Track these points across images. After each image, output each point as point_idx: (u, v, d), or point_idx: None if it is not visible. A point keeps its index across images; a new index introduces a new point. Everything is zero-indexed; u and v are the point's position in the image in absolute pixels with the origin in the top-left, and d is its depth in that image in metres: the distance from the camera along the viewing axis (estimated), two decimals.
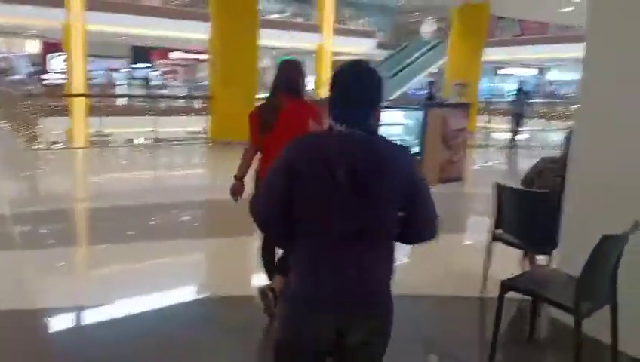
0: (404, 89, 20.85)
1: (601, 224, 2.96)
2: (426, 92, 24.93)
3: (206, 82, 16.76)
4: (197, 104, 15.87)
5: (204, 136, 12.83)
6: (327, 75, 22.22)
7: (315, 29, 22.68)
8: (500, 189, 3.69)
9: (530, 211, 3.52)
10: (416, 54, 27.47)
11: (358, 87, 1.62)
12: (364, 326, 1.64)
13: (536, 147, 13.39)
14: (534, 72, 37.23)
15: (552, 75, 36.88)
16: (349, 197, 1.56)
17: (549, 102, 23.51)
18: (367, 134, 1.60)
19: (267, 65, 22.36)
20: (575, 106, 12.06)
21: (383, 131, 1.70)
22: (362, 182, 1.56)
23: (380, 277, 1.67)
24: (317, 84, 22.92)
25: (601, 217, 2.95)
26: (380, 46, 29.18)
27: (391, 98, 17.24)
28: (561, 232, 3.17)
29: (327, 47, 22.37)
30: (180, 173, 9.65)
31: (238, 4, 11.56)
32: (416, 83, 28.39)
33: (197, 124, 13.68)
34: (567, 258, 3.12)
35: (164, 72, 31.22)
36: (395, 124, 7.67)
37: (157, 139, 12.17)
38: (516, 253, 3.97)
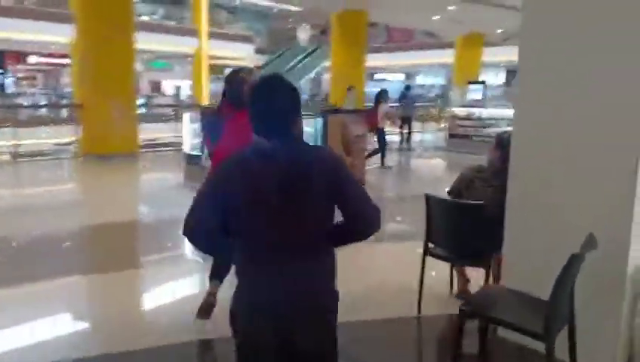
0: None
1: (547, 237, 2.89)
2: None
3: (71, 89, 15.11)
4: (64, 113, 14.21)
5: (73, 149, 11.46)
6: (205, 79, 21.50)
7: (191, 32, 21.72)
8: (431, 201, 3.50)
9: (464, 224, 3.37)
10: (295, 60, 27.75)
11: (275, 100, 1.71)
12: (307, 330, 1.70)
13: (424, 148, 14.05)
14: (402, 77, 39.55)
15: (420, 80, 39.36)
16: (277, 206, 1.65)
17: (421, 105, 24.92)
18: (288, 144, 1.69)
19: (139, 70, 20.91)
20: (457, 109, 13.26)
21: None
22: (287, 191, 1.64)
23: (318, 280, 1.74)
24: (195, 88, 22.01)
25: (546, 230, 2.86)
26: (258, 51, 28.98)
27: None
28: (505, 246, 3.05)
29: (204, 52, 21.52)
30: (46, 193, 8.39)
31: (109, 4, 10.48)
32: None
33: (65, 136, 12.21)
34: (514, 274, 3.00)
35: (21, 78, 27.98)
36: None
37: (16, 155, 10.62)
38: (444, 265, 3.82)
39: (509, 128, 3.51)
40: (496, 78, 30.05)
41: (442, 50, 29.60)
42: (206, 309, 3.40)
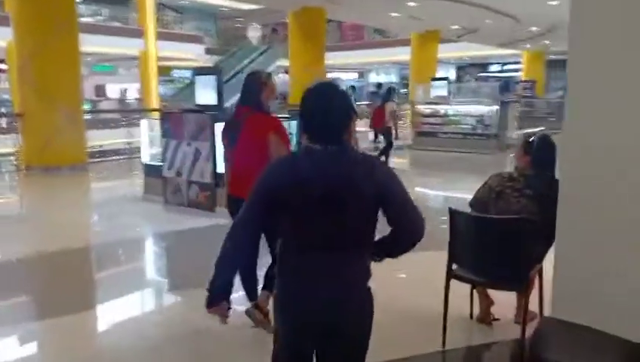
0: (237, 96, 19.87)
1: (610, 258, 2.46)
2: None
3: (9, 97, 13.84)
4: (2, 123, 12.93)
5: (14, 161, 10.39)
6: (154, 81, 20.46)
7: (137, 33, 20.62)
8: (458, 217, 3.03)
9: (499, 241, 2.91)
10: (247, 60, 27.02)
11: (328, 107, 1.76)
12: (345, 330, 1.78)
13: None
14: (355, 75, 39.47)
15: (373, 78, 39.35)
16: (325, 211, 1.71)
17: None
18: (339, 150, 1.75)
19: (83, 74, 19.61)
20: (421, 106, 13.01)
21: None
22: (336, 196, 1.70)
23: (358, 284, 1.79)
24: (144, 91, 20.94)
25: (609, 249, 2.43)
26: (209, 51, 28.13)
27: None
28: (555, 269, 2.60)
29: (151, 53, 20.46)
30: None
31: (49, 4, 9.50)
32: None
33: (4, 147, 11.06)
34: (565, 301, 2.56)
35: None
36: None
37: None
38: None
39: (535, 130, 3.05)
40: (447, 75, 30.40)
41: (395, 48, 29.83)
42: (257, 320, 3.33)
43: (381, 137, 11.34)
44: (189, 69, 31.09)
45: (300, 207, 1.75)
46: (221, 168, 6.61)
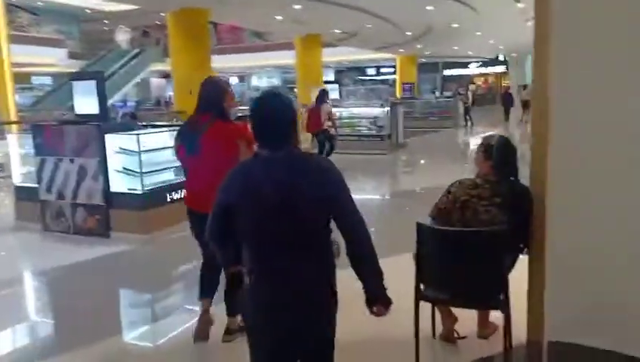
0: (108, 102, 18.44)
1: (598, 270, 2.28)
2: (123, 107, 23.14)
3: None
4: None
5: None
6: (9, 89, 18.02)
7: None
8: (426, 232, 2.70)
9: (473, 256, 2.63)
10: (116, 65, 25.10)
11: (274, 116, 1.87)
12: (308, 328, 1.89)
13: None
14: (236, 79, 38.65)
15: (255, 82, 38.84)
16: (277, 213, 1.81)
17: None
18: (287, 155, 1.86)
19: None
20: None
21: None
22: (286, 199, 1.80)
23: (312, 280, 1.87)
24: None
25: (602, 261, 2.24)
26: (73, 56, 25.71)
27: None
28: (549, 289, 2.36)
29: (4, 58, 17.98)
30: None
31: None
32: (121, 96, 26.02)
33: None
34: (557, 320, 2.34)
35: None
36: (159, 148, 5.91)
37: None
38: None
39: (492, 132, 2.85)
40: (326, 78, 30.89)
41: (277, 51, 29.64)
42: (203, 329, 3.30)
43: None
44: (51, 75, 28.25)
45: (252, 209, 1.84)
46: (116, 186, 5.82)
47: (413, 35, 21.33)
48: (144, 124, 7.62)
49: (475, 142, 16.54)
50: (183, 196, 4.58)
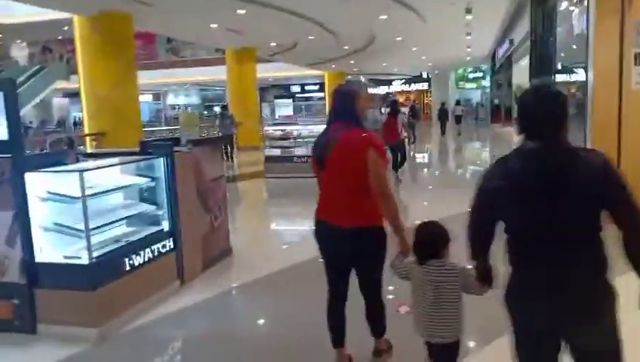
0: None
1: None
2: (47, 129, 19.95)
3: None
4: None
5: None
6: None
7: None
8: None
9: None
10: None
11: (542, 108, 1.84)
12: (578, 323, 1.80)
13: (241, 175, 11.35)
14: (150, 97, 35.67)
15: (171, 100, 36.10)
16: (541, 203, 1.77)
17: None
18: (556, 146, 1.80)
19: None
20: (271, 128, 11.10)
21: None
22: (552, 189, 1.75)
23: (586, 274, 1.79)
24: None
25: None
26: None
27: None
28: None
29: None
30: None
31: None
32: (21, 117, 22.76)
33: None
34: None
35: None
36: (111, 190, 4.03)
37: None
38: None
39: None
40: None
41: (196, 68, 27.55)
42: None
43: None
44: None
45: (519, 202, 1.82)
46: (45, 254, 3.76)
47: (349, 50, 20.29)
48: (88, 152, 5.55)
49: (420, 157, 15.76)
50: (148, 259, 4.03)
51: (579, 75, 9.60)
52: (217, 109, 27.53)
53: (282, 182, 10.56)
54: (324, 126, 2.93)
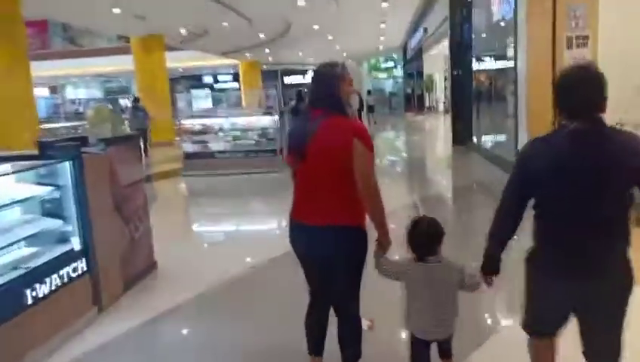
0: None
1: None
2: None
3: None
4: None
5: None
6: None
7: None
8: None
9: None
10: None
11: (587, 88, 1.87)
12: (600, 290, 1.95)
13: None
14: (46, 91, 32.69)
15: (70, 93, 33.35)
16: (581, 182, 1.85)
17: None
18: (595, 126, 1.86)
19: None
20: (189, 121, 10.20)
21: None
22: (592, 169, 1.83)
23: (613, 255, 1.93)
24: None
25: None
26: None
27: None
28: None
29: None
30: None
31: None
32: None
33: None
34: None
35: None
36: (5, 205, 3.23)
37: None
38: None
39: None
40: None
41: (97, 58, 25.53)
42: None
43: None
44: None
45: (558, 180, 1.89)
46: None
47: (265, 38, 19.64)
48: None
49: None
50: (55, 286, 3.31)
51: (497, 63, 9.75)
52: (124, 102, 25.77)
53: (204, 180, 9.82)
54: (249, 117, 2.48)
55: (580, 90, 1.86)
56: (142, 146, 10.99)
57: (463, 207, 7.33)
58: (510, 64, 7.78)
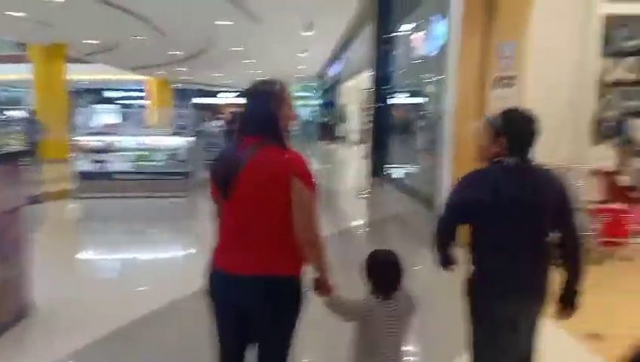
0: None
1: None
2: None
3: None
4: None
5: None
6: None
7: None
8: None
9: None
10: None
11: (530, 130, 2.13)
12: (531, 307, 2.21)
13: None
14: None
15: None
16: (527, 217, 2.09)
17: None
18: (533, 164, 2.14)
19: None
20: (86, 138, 9.11)
21: None
22: (525, 201, 2.07)
23: (539, 276, 2.17)
24: None
25: None
26: None
27: None
28: None
29: None
30: None
31: None
32: None
33: None
34: None
35: None
36: None
37: None
38: None
39: None
40: None
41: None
42: None
43: None
44: None
45: (494, 209, 2.09)
46: None
47: (182, 55, 18.81)
48: None
49: None
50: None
51: (417, 98, 9.84)
52: (16, 113, 23.46)
53: (100, 203, 8.84)
54: (156, 137, 1.94)
55: (523, 131, 2.12)
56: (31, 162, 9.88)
57: (380, 239, 7.08)
58: (433, 100, 7.77)
